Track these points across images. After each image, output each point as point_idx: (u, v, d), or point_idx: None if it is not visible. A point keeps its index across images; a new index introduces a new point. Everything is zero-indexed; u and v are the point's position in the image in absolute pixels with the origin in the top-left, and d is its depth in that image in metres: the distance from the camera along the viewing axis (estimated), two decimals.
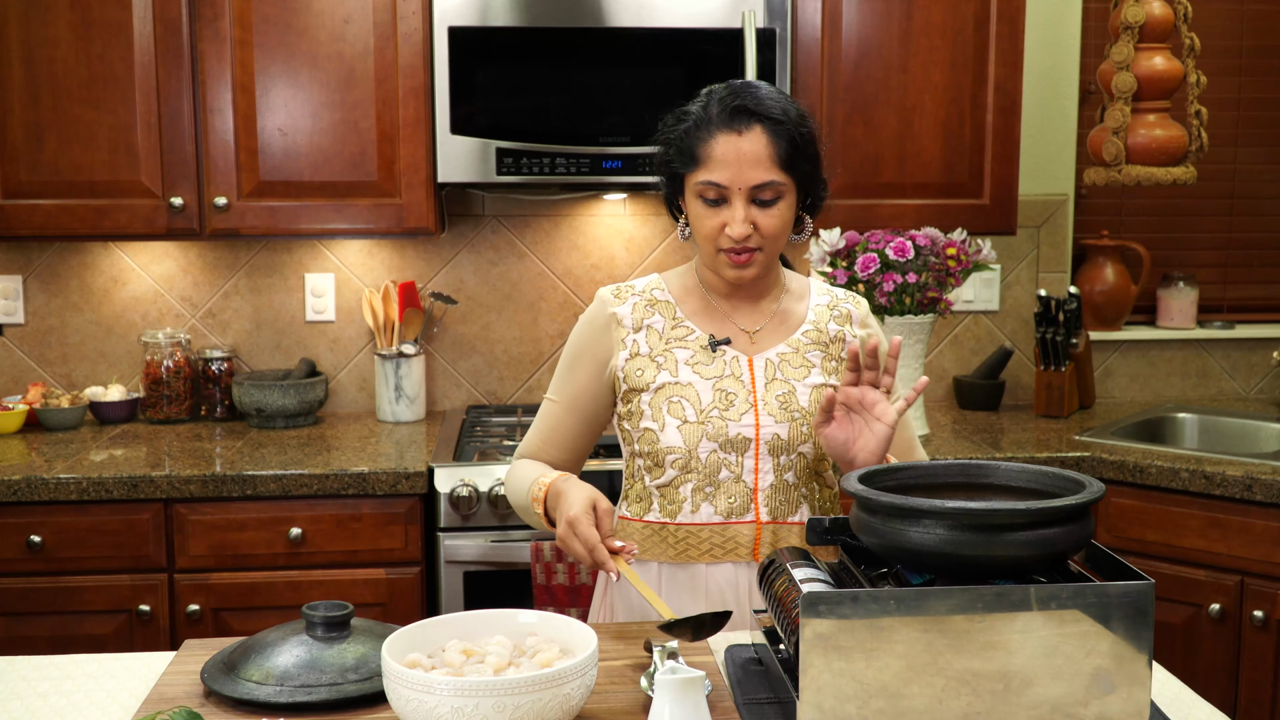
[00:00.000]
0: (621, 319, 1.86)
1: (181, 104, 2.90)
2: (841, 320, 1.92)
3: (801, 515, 1.85)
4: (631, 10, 2.87)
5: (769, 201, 1.77)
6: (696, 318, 1.87)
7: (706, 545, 1.81)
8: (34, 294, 3.28)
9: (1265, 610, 2.64)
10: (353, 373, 3.38)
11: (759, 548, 1.81)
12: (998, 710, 1.34)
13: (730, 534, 1.81)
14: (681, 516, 1.82)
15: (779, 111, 1.76)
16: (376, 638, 1.56)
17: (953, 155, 3.06)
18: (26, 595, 2.65)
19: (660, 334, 1.85)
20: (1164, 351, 3.57)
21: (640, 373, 1.83)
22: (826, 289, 1.97)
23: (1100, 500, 1.65)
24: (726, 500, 1.81)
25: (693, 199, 1.80)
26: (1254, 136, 3.61)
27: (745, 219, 1.75)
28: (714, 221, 1.77)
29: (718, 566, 1.81)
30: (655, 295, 1.88)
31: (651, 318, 1.86)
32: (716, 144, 1.75)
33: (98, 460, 2.78)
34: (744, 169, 1.74)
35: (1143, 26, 3.09)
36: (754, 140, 1.74)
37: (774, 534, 1.82)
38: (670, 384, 1.82)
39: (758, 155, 1.74)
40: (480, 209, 3.35)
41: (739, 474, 1.81)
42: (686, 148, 1.78)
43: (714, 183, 1.75)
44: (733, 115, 1.75)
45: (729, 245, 1.78)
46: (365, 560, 2.72)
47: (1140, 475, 2.77)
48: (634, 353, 1.84)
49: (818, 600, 1.32)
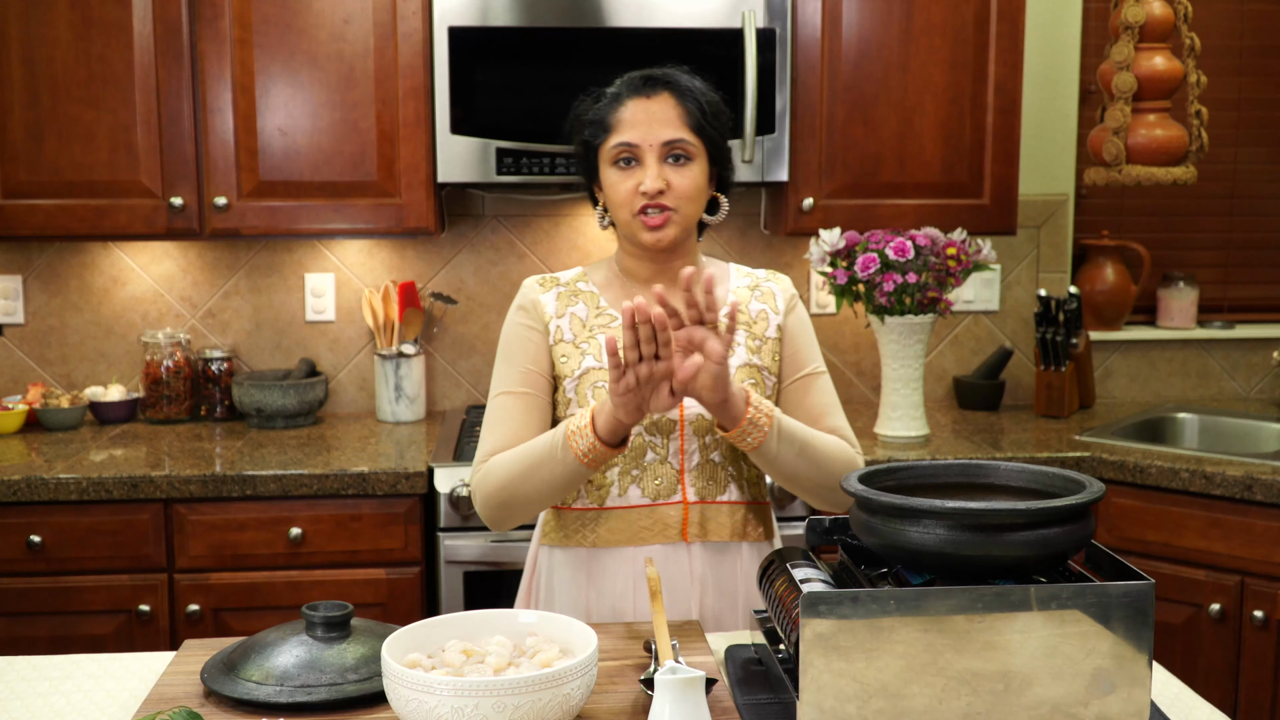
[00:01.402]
0: (545, 305, 1.89)
1: (181, 104, 2.90)
2: (764, 298, 1.94)
3: (729, 494, 1.87)
4: (631, 10, 2.87)
5: (680, 159, 1.81)
6: (619, 305, 1.89)
7: (635, 528, 1.83)
8: (34, 294, 3.28)
9: (1265, 610, 2.64)
10: (353, 373, 3.38)
11: (687, 528, 1.84)
12: (998, 710, 1.34)
13: (658, 515, 1.84)
14: (610, 500, 1.84)
15: (686, 82, 1.84)
16: (376, 638, 1.56)
17: (953, 155, 3.06)
18: (26, 595, 2.65)
19: (583, 321, 1.88)
20: (1164, 351, 3.57)
21: (565, 359, 1.86)
22: (748, 271, 2.00)
23: (1100, 500, 1.65)
24: (654, 482, 1.83)
25: (607, 168, 1.84)
26: (1254, 136, 3.61)
27: (658, 175, 1.79)
28: (629, 183, 1.81)
29: (647, 549, 1.83)
30: (579, 286, 1.92)
31: (574, 306, 1.89)
32: (626, 109, 1.82)
33: (98, 460, 2.78)
34: (654, 127, 1.80)
35: (1143, 26, 3.09)
36: (663, 103, 1.81)
37: (702, 513, 1.84)
38: (594, 369, 1.84)
39: (667, 115, 1.81)
40: (480, 209, 3.35)
41: (665, 456, 1.84)
42: (599, 118, 1.84)
43: (626, 142, 1.81)
44: (644, 83, 1.84)
45: (643, 204, 1.80)
46: (365, 560, 2.72)
47: (1140, 475, 2.77)
48: (558, 339, 1.87)
49: (818, 600, 1.32)
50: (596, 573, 1.85)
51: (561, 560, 1.88)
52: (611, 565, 1.84)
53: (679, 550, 1.84)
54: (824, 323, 3.46)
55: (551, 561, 1.90)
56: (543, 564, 1.92)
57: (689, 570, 1.84)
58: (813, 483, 1.82)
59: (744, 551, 1.88)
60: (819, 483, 1.82)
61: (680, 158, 1.81)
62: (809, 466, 1.79)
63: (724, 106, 1.88)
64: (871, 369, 3.47)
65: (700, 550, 1.85)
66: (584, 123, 1.88)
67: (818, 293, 3.43)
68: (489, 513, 1.82)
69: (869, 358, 3.47)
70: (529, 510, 1.80)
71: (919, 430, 3.02)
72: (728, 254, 3.40)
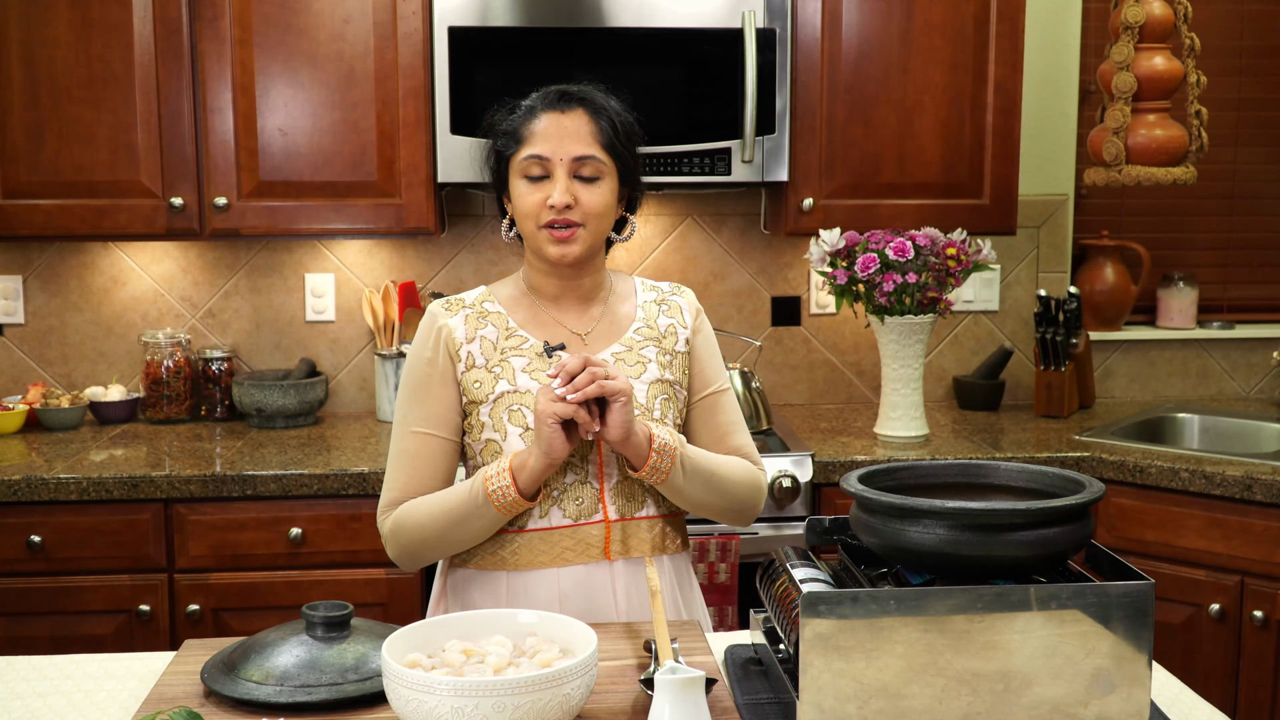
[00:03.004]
0: (454, 330, 1.86)
1: (181, 104, 2.90)
2: (671, 312, 1.94)
3: (648, 510, 1.86)
4: (631, 10, 2.87)
5: (590, 179, 1.81)
6: (528, 326, 1.88)
7: (558, 549, 1.81)
8: (34, 294, 3.28)
9: (1265, 610, 2.64)
10: (353, 373, 3.38)
11: (609, 545, 1.82)
12: (998, 710, 1.34)
13: (580, 535, 1.82)
14: (531, 524, 1.81)
15: (601, 100, 1.85)
16: (376, 638, 1.56)
17: (953, 155, 3.06)
18: (26, 595, 2.65)
19: (494, 344, 1.86)
20: (1164, 351, 3.57)
21: (479, 385, 1.84)
22: (652, 285, 1.99)
23: (1100, 500, 1.66)
24: (575, 503, 1.82)
25: (517, 180, 1.83)
26: (1254, 136, 3.61)
27: (566, 189, 1.79)
28: (537, 196, 1.81)
29: (568, 569, 1.82)
30: (485, 307, 1.89)
31: (484, 329, 1.87)
32: (539, 121, 1.82)
33: (98, 460, 2.78)
34: (565, 141, 1.80)
35: (1143, 26, 3.09)
36: (576, 118, 1.81)
37: (623, 530, 1.83)
38: (509, 393, 1.82)
39: (579, 131, 1.81)
40: (480, 209, 3.35)
41: (584, 476, 1.82)
42: (512, 129, 1.84)
43: (537, 155, 1.80)
44: (559, 98, 1.83)
45: (550, 219, 1.80)
46: (365, 560, 2.72)
47: (1140, 475, 2.77)
48: (470, 364, 1.85)
49: (818, 600, 1.32)
50: (518, 594, 1.82)
51: (476, 583, 1.84)
52: (533, 587, 1.81)
53: (601, 569, 1.82)
54: (824, 322, 3.46)
55: (464, 584, 1.86)
56: (454, 587, 1.88)
57: (611, 587, 1.82)
58: (719, 509, 1.87)
59: (665, 565, 1.88)
60: (725, 508, 1.87)
61: (591, 175, 1.81)
62: (715, 495, 1.83)
63: (637, 127, 1.89)
64: (871, 369, 3.47)
65: (622, 567, 1.83)
66: (498, 132, 1.88)
67: (818, 293, 3.43)
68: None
69: (869, 358, 3.47)
70: (447, 554, 1.85)
71: (919, 430, 3.02)
72: (728, 254, 3.40)
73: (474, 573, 1.85)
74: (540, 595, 1.81)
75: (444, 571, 1.93)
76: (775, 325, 3.45)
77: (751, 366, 3.37)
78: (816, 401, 3.49)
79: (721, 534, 2.67)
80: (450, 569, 1.90)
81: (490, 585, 1.83)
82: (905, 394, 3.01)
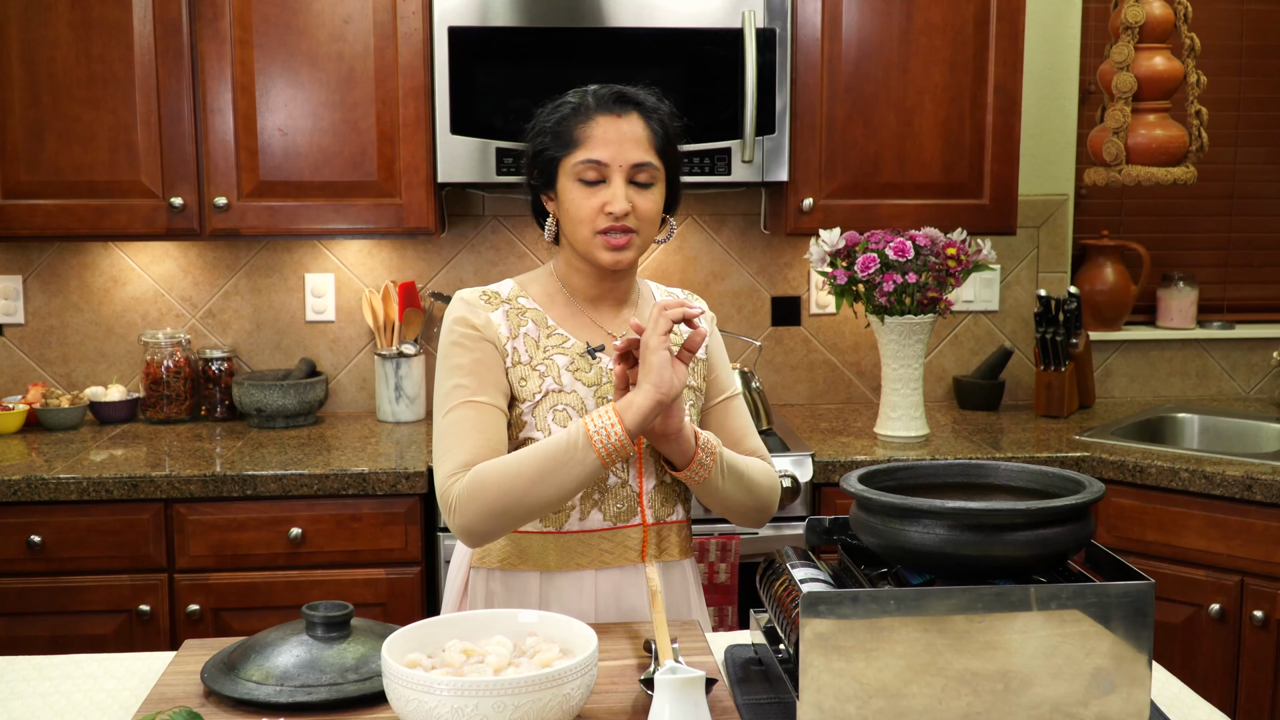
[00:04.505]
0: (498, 325, 1.82)
1: (181, 104, 2.90)
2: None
3: (678, 514, 1.88)
4: (631, 10, 2.87)
5: (645, 184, 1.79)
6: (566, 325, 1.86)
7: (596, 551, 1.81)
8: (34, 294, 3.28)
9: (1265, 610, 2.64)
10: (353, 373, 3.38)
11: (646, 549, 1.83)
12: (998, 710, 1.34)
13: (619, 538, 1.82)
14: (569, 524, 1.81)
15: (654, 103, 1.83)
16: (376, 638, 1.56)
17: (953, 155, 3.06)
18: (26, 595, 2.66)
19: (536, 342, 1.83)
20: (1164, 351, 3.57)
21: (524, 382, 1.80)
22: (668, 291, 2.00)
23: (1100, 500, 1.66)
24: (615, 505, 1.82)
25: (570, 184, 1.79)
26: (1254, 136, 3.61)
27: (625, 196, 1.77)
28: (594, 202, 1.78)
29: (605, 572, 1.82)
30: (521, 303, 1.85)
31: (525, 326, 1.83)
32: (596, 125, 1.78)
33: (98, 460, 2.78)
34: (624, 147, 1.77)
35: (1143, 26, 3.09)
36: (632, 123, 1.79)
37: (658, 534, 1.85)
38: (554, 392, 1.80)
39: (636, 137, 1.78)
40: (480, 209, 3.35)
41: (625, 479, 1.82)
42: (563, 132, 1.80)
43: (595, 160, 1.77)
44: (614, 100, 1.80)
45: (607, 225, 1.77)
46: (365, 560, 2.72)
47: (1140, 475, 2.77)
48: (515, 360, 1.81)
49: (818, 600, 1.32)
50: (551, 597, 1.81)
51: (506, 584, 1.82)
52: (566, 588, 1.81)
53: (636, 571, 1.83)
54: (824, 322, 3.46)
55: (490, 586, 1.84)
56: (478, 589, 1.86)
57: (644, 590, 1.83)
58: (744, 509, 1.86)
59: (687, 569, 1.90)
60: (751, 508, 1.86)
61: (646, 181, 1.79)
62: (744, 494, 1.83)
63: (681, 130, 1.87)
64: (871, 369, 3.47)
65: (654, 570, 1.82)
66: (546, 131, 1.83)
67: (818, 293, 3.43)
68: (484, 524, 1.68)
69: (869, 358, 3.47)
70: (527, 518, 1.69)
71: (919, 430, 3.02)
72: (728, 254, 3.40)
73: (502, 573, 1.83)
74: (573, 597, 1.81)
75: (462, 574, 1.90)
76: (775, 325, 3.45)
77: (751, 366, 3.37)
78: (816, 401, 3.49)
79: (721, 534, 2.67)
80: (470, 570, 1.88)
81: (519, 586, 1.82)
82: (905, 394, 3.01)
